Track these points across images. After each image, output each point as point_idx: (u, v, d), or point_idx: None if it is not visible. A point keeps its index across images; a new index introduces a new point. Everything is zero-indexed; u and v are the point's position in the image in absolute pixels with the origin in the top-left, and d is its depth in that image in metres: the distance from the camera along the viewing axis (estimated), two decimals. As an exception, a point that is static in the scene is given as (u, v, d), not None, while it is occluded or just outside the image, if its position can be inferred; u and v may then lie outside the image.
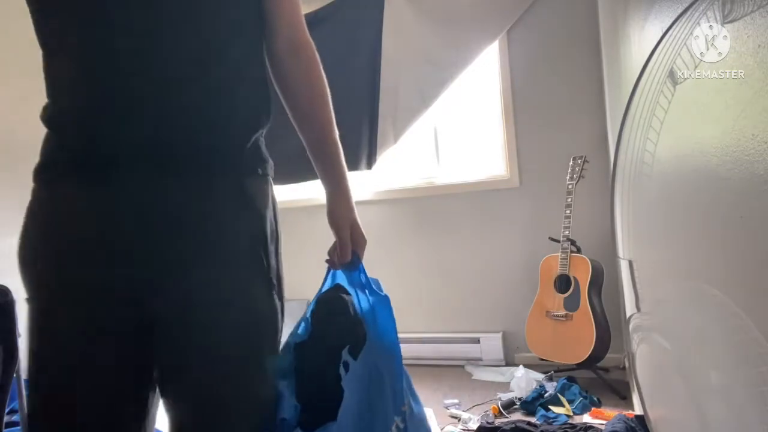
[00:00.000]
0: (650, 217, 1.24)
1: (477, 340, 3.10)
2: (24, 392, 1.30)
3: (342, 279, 0.96)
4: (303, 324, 0.92)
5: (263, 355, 0.77)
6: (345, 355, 0.85)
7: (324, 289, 0.96)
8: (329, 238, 0.90)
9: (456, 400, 2.55)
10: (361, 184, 3.37)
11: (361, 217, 0.96)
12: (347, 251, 0.91)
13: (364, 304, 0.93)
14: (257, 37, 0.84)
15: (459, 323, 3.21)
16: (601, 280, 2.63)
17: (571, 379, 2.49)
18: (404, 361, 0.91)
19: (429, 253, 3.27)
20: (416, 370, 3.09)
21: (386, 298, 0.94)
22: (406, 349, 3.59)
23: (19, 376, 1.47)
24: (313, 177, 0.95)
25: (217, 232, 0.73)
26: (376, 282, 0.95)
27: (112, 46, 0.67)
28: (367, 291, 0.93)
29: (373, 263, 3.69)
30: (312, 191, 3.40)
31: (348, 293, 0.95)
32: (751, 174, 0.67)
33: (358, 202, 0.88)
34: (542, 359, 2.71)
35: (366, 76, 3.15)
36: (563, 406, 2.31)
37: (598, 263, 2.62)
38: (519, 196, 3.08)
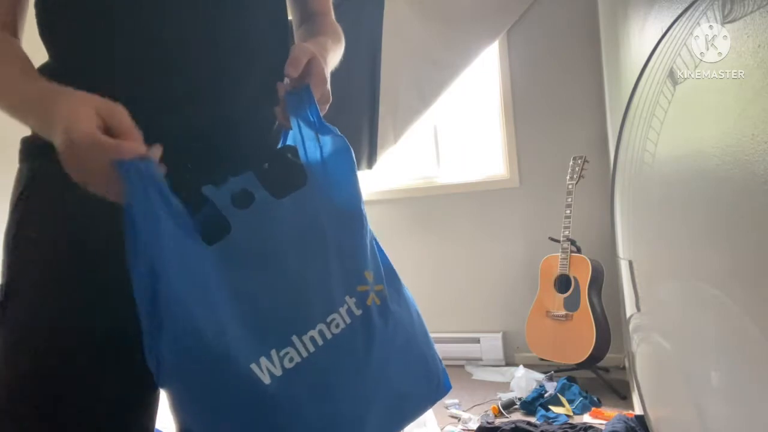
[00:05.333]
0: (650, 217, 1.24)
1: (477, 340, 3.10)
2: None
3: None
4: None
5: None
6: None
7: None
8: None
9: (456, 400, 2.55)
10: (361, 184, 3.37)
11: None
12: (298, 60, 0.67)
13: (312, 150, 0.69)
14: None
15: (459, 323, 3.21)
16: (601, 280, 2.63)
17: (571, 379, 2.49)
18: None
19: (429, 252, 3.27)
20: (416, 370, 3.08)
21: (343, 142, 0.71)
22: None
23: None
24: None
25: None
26: (334, 129, 0.72)
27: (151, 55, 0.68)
28: (317, 131, 0.69)
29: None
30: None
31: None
32: (751, 174, 0.67)
33: None
34: (542, 359, 2.71)
35: (366, 76, 3.15)
36: (563, 406, 2.31)
37: (598, 263, 2.62)
38: (519, 196, 3.08)
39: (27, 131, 0.69)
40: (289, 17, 0.88)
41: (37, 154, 0.68)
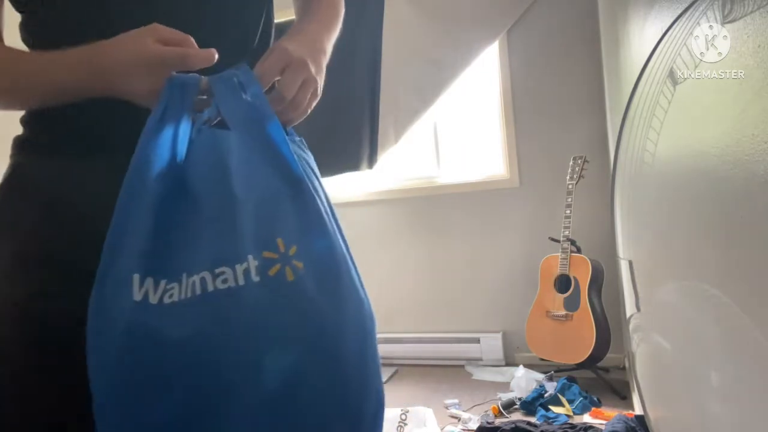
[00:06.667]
0: (650, 216, 1.24)
1: (477, 340, 3.10)
2: None
3: None
4: None
5: None
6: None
7: None
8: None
9: (456, 400, 2.55)
10: (361, 184, 3.38)
11: (361, 217, 0.93)
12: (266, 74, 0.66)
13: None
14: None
15: (459, 323, 3.21)
16: (601, 280, 2.63)
17: (571, 379, 2.49)
18: (404, 362, 0.70)
19: (429, 253, 3.27)
20: (416, 370, 3.09)
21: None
22: (406, 350, 3.57)
23: None
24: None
25: None
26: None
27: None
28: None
29: (373, 263, 3.67)
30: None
31: None
32: (751, 174, 0.67)
33: (358, 203, 0.79)
34: (542, 359, 2.71)
35: (366, 76, 3.15)
36: (563, 406, 2.31)
37: (598, 263, 2.62)
38: (519, 196, 3.08)
39: (19, 130, 0.71)
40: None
41: (22, 148, 0.71)
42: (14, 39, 0.71)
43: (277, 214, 0.61)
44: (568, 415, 2.24)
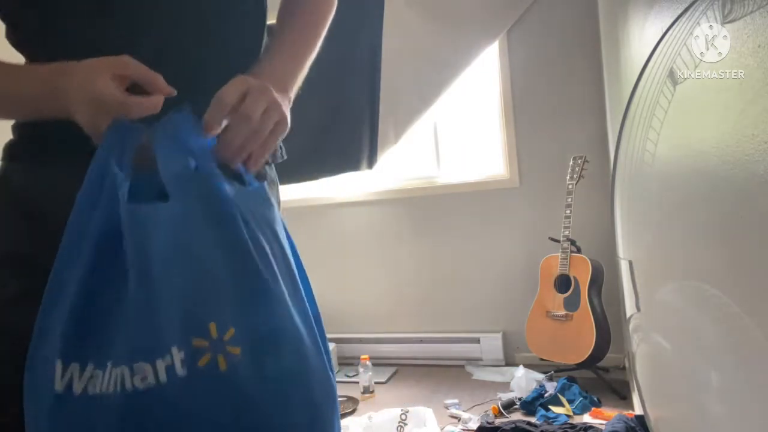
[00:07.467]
0: (650, 216, 1.24)
1: (477, 340, 3.10)
2: None
3: None
4: None
5: None
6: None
7: None
8: (332, 239, 0.81)
9: (456, 400, 2.55)
10: (361, 184, 3.38)
11: (361, 217, 0.92)
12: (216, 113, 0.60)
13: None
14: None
15: (459, 323, 3.21)
16: (601, 280, 2.63)
17: (571, 379, 2.49)
18: (404, 362, 0.68)
19: (429, 253, 3.27)
20: (416, 370, 3.09)
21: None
22: (406, 350, 3.56)
23: None
24: (314, 177, 0.87)
25: None
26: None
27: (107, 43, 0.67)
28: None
29: (373, 263, 3.66)
30: (313, 191, 3.40)
31: None
32: (751, 174, 0.67)
33: (358, 203, 0.77)
34: (542, 359, 2.71)
35: (366, 76, 3.15)
36: (563, 406, 2.31)
37: (598, 263, 2.62)
38: (519, 196, 3.08)
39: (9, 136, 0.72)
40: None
41: (10, 154, 0.72)
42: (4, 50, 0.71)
43: (211, 293, 0.53)
44: (568, 415, 2.24)
